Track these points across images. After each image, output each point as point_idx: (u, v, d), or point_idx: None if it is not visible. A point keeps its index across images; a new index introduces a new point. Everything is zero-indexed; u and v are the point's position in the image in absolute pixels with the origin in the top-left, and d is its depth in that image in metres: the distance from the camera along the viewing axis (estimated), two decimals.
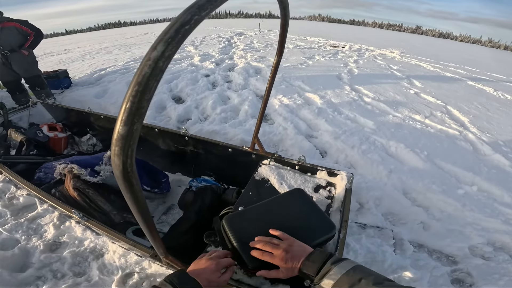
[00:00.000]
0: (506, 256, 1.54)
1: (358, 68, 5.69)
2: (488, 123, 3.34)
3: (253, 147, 1.41)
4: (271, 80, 1.06)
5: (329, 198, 1.12)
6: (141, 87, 0.32)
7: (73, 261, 1.37)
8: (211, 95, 3.63)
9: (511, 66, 11.01)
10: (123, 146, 0.35)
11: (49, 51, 9.69)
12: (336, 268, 0.60)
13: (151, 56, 0.32)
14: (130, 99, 0.32)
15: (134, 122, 0.33)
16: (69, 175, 1.41)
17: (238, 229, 0.83)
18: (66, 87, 4.26)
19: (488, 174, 2.23)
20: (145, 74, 0.32)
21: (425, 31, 75.98)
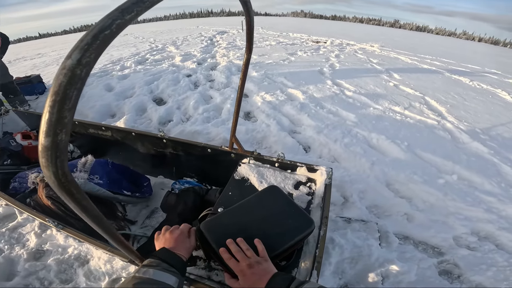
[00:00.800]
0: (492, 245, 1.56)
1: (340, 63, 5.75)
2: (465, 112, 3.45)
3: (232, 146, 1.39)
4: (243, 78, 1.05)
5: (310, 194, 1.11)
6: (58, 96, 0.31)
7: (59, 269, 1.36)
8: (193, 95, 3.56)
9: (485, 57, 11.55)
10: (50, 158, 0.33)
11: (22, 56, 9.25)
12: None
13: (66, 64, 0.31)
14: (48, 110, 0.31)
15: (57, 133, 0.32)
16: (41, 184, 1.36)
17: (217, 233, 0.80)
18: (41, 92, 4.07)
19: (468, 162, 2.29)
20: (61, 83, 0.31)
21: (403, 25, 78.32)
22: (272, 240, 0.78)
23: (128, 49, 8.15)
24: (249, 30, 0.84)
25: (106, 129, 1.83)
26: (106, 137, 1.88)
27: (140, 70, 5.14)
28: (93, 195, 1.44)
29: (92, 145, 2.11)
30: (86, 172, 1.46)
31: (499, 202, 1.85)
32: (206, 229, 0.82)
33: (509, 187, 2.02)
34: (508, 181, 2.11)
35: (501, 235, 1.61)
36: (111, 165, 1.63)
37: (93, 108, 3.25)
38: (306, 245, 0.89)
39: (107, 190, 1.47)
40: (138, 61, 6.03)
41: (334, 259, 1.37)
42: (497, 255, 1.48)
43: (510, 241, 1.57)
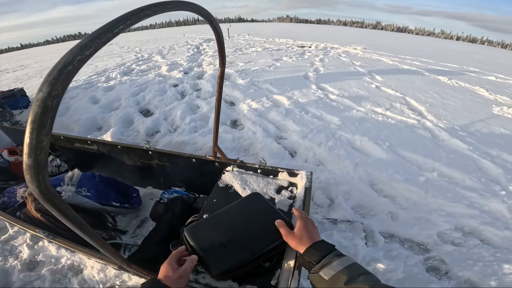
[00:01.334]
0: (477, 240, 1.60)
1: (324, 67, 5.89)
2: (444, 110, 3.58)
3: (215, 156, 1.43)
4: (219, 90, 1.08)
5: (291, 198, 1.15)
6: (35, 124, 0.36)
7: (53, 278, 1.39)
8: (180, 105, 3.57)
9: (463, 56, 11.98)
10: (33, 174, 0.38)
11: (5, 68, 9.03)
12: (338, 261, 0.62)
13: (39, 97, 0.36)
14: (29, 136, 0.36)
15: (38, 154, 0.37)
16: (30, 198, 1.40)
17: (199, 238, 0.86)
18: (25, 106, 3.98)
19: (447, 159, 2.36)
20: (37, 113, 0.36)
21: (385, 27, 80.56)
22: (252, 244, 0.83)
23: (113, 60, 8.08)
24: (220, 45, 0.88)
25: (92, 143, 1.85)
26: (92, 151, 1.89)
27: (126, 81, 5.11)
28: (81, 207, 1.48)
29: (79, 159, 2.11)
30: (74, 186, 1.48)
31: (480, 197, 1.90)
32: (190, 234, 0.87)
33: (490, 182, 2.09)
34: (489, 175, 2.18)
35: (485, 229, 1.65)
36: (98, 178, 1.65)
37: (78, 121, 3.20)
38: (289, 246, 0.91)
39: (95, 202, 1.50)
40: (123, 72, 5.98)
41: None
42: (483, 250, 1.51)
43: (494, 236, 1.61)
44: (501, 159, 2.41)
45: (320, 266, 0.64)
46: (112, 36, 0.44)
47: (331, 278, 0.60)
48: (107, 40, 0.43)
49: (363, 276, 0.58)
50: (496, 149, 2.55)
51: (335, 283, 0.59)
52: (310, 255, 0.68)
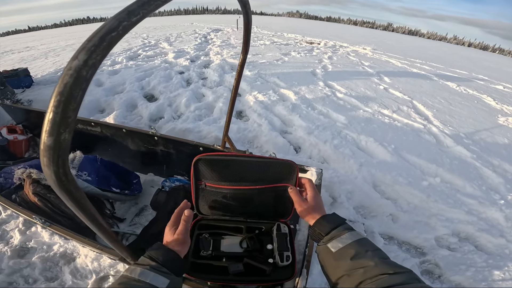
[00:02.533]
0: (471, 246, 1.62)
1: (332, 65, 5.83)
2: (450, 116, 3.55)
3: (224, 145, 1.40)
4: (238, 78, 1.05)
5: None
6: (63, 96, 0.31)
7: (44, 266, 1.34)
8: (185, 93, 3.54)
9: (473, 63, 11.86)
10: (52, 157, 0.33)
11: (10, 49, 8.90)
12: (349, 234, 0.61)
13: (72, 65, 0.31)
14: (53, 109, 0.31)
15: (61, 133, 0.32)
16: (28, 180, 1.34)
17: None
18: (27, 86, 3.94)
19: (451, 165, 2.36)
20: (67, 83, 0.31)
21: (396, 28, 79.46)
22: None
23: (119, 44, 7.97)
24: (246, 32, 0.84)
25: (96, 125, 1.81)
26: (95, 133, 1.85)
27: (132, 65, 5.06)
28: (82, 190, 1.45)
29: (80, 141, 2.05)
30: (74, 169, 1.45)
31: (479, 205, 1.92)
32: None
33: (490, 190, 2.11)
34: (489, 184, 2.19)
35: (480, 236, 1.68)
36: (100, 162, 1.61)
37: (82, 103, 3.19)
38: (296, 244, 0.91)
39: (96, 187, 1.44)
40: (129, 57, 5.93)
41: None
42: (476, 256, 1.53)
43: (489, 242, 1.64)
44: (502, 169, 2.42)
45: (329, 238, 0.62)
46: (161, 4, 0.40)
47: (338, 251, 0.59)
48: (156, 8, 0.39)
49: (371, 252, 0.56)
50: (498, 159, 2.56)
51: (342, 257, 0.58)
52: (320, 226, 0.66)
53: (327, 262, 0.61)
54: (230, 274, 0.75)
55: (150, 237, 1.24)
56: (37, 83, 4.14)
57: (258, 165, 0.86)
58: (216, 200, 0.90)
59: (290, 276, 0.76)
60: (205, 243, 0.81)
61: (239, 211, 0.90)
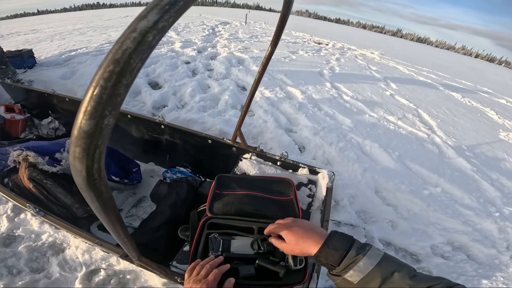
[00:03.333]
0: (464, 256, 1.65)
1: (340, 66, 5.80)
2: (454, 127, 3.56)
3: (235, 140, 1.36)
4: (262, 71, 1.01)
5: (310, 197, 1.11)
6: (118, 67, 0.23)
7: (30, 257, 1.26)
8: (191, 83, 3.52)
9: (479, 74, 11.86)
10: (88, 147, 0.25)
11: (16, 31, 8.74)
12: (366, 258, 0.51)
13: (138, 26, 0.23)
14: (100, 83, 0.23)
15: (105, 115, 0.24)
16: (24, 164, 1.25)
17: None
18: (30, 67, 3.89)
19: (451, 176, 2.38)
20: (127, 49, 0.23)
21: (405, 35, 79.05)
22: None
23: None
24: (281, 24, 0.81)
25: None
26: None
27: None
28: None
29: None
30: None
31: (476, 216, 1.95)
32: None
33: (487, 203, 2.13)
34: (487, 197, 2.22)
35: (473, 246, 1.71)
36: None
37: (83, 86, 3.15)
38: None
39: None
40: None
41: None
42: (467, 265, 1.57)
43: (480, 252, 1.67)
44: (500, 183, 2.45)
45: (343, 268, 0.52)
46: None
47: (360, 281, 0.50)
48: None
49: (397, 273, 0.48)
50: (497, 173, 2.58)
51: (367, 285, 0.50)
52: (327, 256, 0.55)
53: None
54: (240, 277, 0.71)
55: (149, 231, 1.18)
56: (39, 64, 4.09)
57: (265, 181, 1.08)
58: (229, 202, 0.93)
59: (302, 280, 0.73)
60: (214, 244, 0.77)
61: (251, 212, 0.90)
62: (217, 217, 0.89)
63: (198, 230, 0.84)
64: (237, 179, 1.07)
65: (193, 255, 0.79)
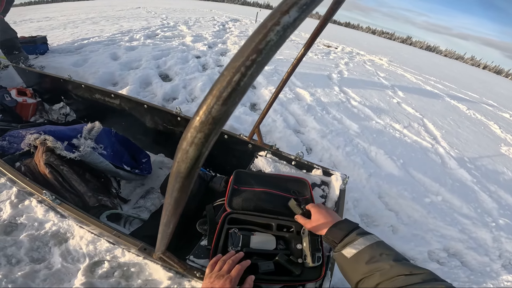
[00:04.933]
0: (458, 262, 1.71)
1: (348, 71, 5.82)
2: (457, 139, 3.60)
3: (252, 137, 1.35)
4: (291, 72, 1.01)
5: (323, 197, 1.13)
6: (260, 56, 0.23)
7: (31, 246, 1.20)
8: (201, 77, 3.55)
9: (486, 86, 11.79)
10: (209, 133, 0.26)
11: (29, 18, 8.72)
12: (362, 239, 0.62)
13: (282, 21, 0.23)
14: (241, 70, 0.23)
15: (235, 102, 0.25)
16: (41, 148, 1.19)
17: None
18: (42, 53, 3.92)
19: (452, 186, 2.44)
20: (270, 41, 0.23)
21: (414, 42, 78.28)
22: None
23: (139, 22, 7.92)
24: (320, 27, 0.82)
25: (116, 97, 1.75)
26: (112, 105, 1.79)
27: (149, 44, 5.05)
28: (90, 167, 1.31)
29: (91, 111, 2.01)
30: (92, 140, 1.32)
31: (472, 225, 2.01)
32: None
33: (484, 213, 2.20)
34: (484, 208, 2.28)
35: (467, 253, 1.77)
36: (114, 135, 1.50)
37: (95, 74, 3.19)
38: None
39: (110, 162, 1.33)
40: (148, 35, 5.89)
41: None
42: (461, 271, 1.63)
43: (474, 259, 1.73)
44: (497, 195, 2.52)
45: (342, 245, 0.63)
46: None
47: (352, 256, 0.60)
48: None
49: (386, 255, 0.57)
50: (496, 186, 2.64)
51: (357, 262, 0.59)
52: (333, 234, 0.67)
53: (345, 267, 0.62)
54: (260, 273, 0.72)
55: (159, 224, 1.21)
56: (52, 51, 4.13)
57: (281, 179, 1.11)
58: (248, 198, 0.95)
59: (318, 277, 0.75)
60: (234, 239, 0.78)
61: (269, 209, 0.93)
62: (237, 212, 0.90)
63: (219, 225, 0.84)
64: (254, 176, 1.09)
65: (214, 249, 0.79)
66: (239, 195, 0.98)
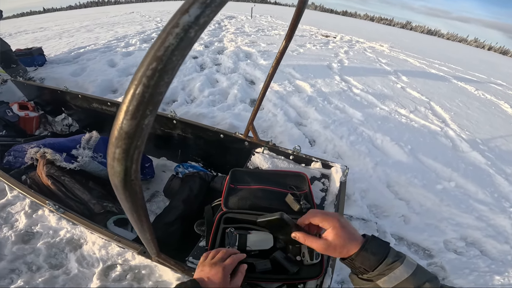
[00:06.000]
0: (477, 251, 1.62)
1: (348, 59, 5.70)
2: (467, 121, 3.47)
3: (247, 134, 1.35)
4: (275, 66, 1.01)
5: (323, 191, 1.11)
6: (161, 64, 0.22)
7: (49, 253, 1.27)
8: (199, 77, 3.52)
9: (492, 67, 11.46)
10: (128, 148, 0.25)
11: (24, 29, 8.85)
12: (403, 267, 0.50)
13: (181, 21, 0.22)
14: (143, 81, 0.22)
15: (146, 115, 0.24)
16: (42, 161, 1.26)
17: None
18: (40, 64, 3.94)
19: (465, 170, 2.33)
20: (169, 46, 0.22)
21: (414, 27, 76.54)
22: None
23: (133, 27, 7.94)
24: (296, 18, 0.80)
25: (112, 105, 1.77)
26: (110, 113, 1.81)
27: (145, 48, 5.05)
28: (92, 175, 1.37)
29: (92, 120, 2.04)
30: (90, 150, 1.38)
31: (490, 211, 1.91)
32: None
33: (501, 198, 2.09)
34: (501, 192, 2.17)
35: (486, 242, 1.68)
36: None
37: (94, 82, 3.20)
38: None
39: None
40: (143, 39, 5.90)
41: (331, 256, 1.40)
42: (480, 261, 1.54)
43: (493, 248, 1.64)
44: None
45: (377, 274, 0.51)
46: None
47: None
48: None
49: (429, 283, 0.48)
50: (511, 167, 2.51)
51: None
52: (363, 260, 0.52)
53: None
54: (257, 272, 0.71)
55: (163, 227, 1.19)
56: (50, 62, 4.15)
57: (279, 175, 1.08)
58: (244, 196, 0.94)
59: (318, 275, 0.73)
60: (231, 238, 0.77)
61: (266, 207, 0.91)
62: (233, 211, 0.89)
63: (215, 225, 0.84)
64: (251, 174, 1.08)
65: (210, 249, 0.78)
66: (235, 194, 0.97)
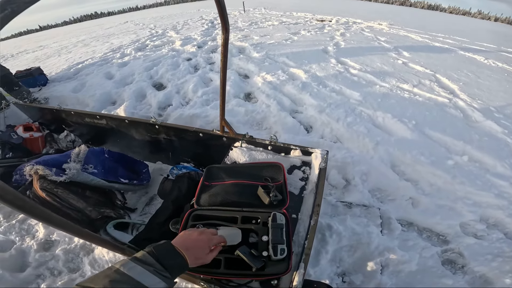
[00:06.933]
0: (500, 234, 1.45)
1: (345, 41, 5.50)
2: (479, 89, 3.25)
3: (223, 130, 1.37)
4: (224, 60, 1.03)
5: (303, 180, 1.06)
6: None
7: (66, 258, 1.40)
8: (192, 79, 3.51)
9: (501, 37, 10.81)
10: None
11: (24, 49, 9.16)
12: None
13: None
14: None
15: None
16: (36, 176, 1.39)
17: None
18: (43, 84, 4.03)
19: (480, 142, 2.15)
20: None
21: (414, 3, 73.85)
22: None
23: (128, 37, 8.00)
24: (220, 9, 0.83)
25: (101, 118, 1.84)
26: (102, 125, 1.88)
27: (140, 56, 5.06)
28: (88, 184, 1.48)
29: (91, 134, 2.14)
30: (80, 162, 1.47)
31: (511, 187, 1.71)
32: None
33: None
34: None
35: (510, 223, 1.50)
36: (107, 154, 1.64)
37: (93, 96, 3.25)
38: (296, 235, 0.85)
39: (102, 179, 1.48)
40: (138, 48, 5.92)
41: (332, 247, 1.31)
42: (505, 245, 1.38)
43: None
44: None
45: None
46: None
47: None
48: None
49: None
50: None
51: None
52: None
53: None
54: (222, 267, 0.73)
55: (156, 227, 1.25)
56: (52, 80, 4.23)
57: (254, 167, 1.06)
58: (215, 193, 0.95)
59: (285, 271, 0.72)
60: None
61: (236, 202, 0.92)
62: (201, 208, 0.90)
63: (183, 222, 0.86)
64: (226, 169, 1.09)
65: None
66: (208, 191, 0.97)
